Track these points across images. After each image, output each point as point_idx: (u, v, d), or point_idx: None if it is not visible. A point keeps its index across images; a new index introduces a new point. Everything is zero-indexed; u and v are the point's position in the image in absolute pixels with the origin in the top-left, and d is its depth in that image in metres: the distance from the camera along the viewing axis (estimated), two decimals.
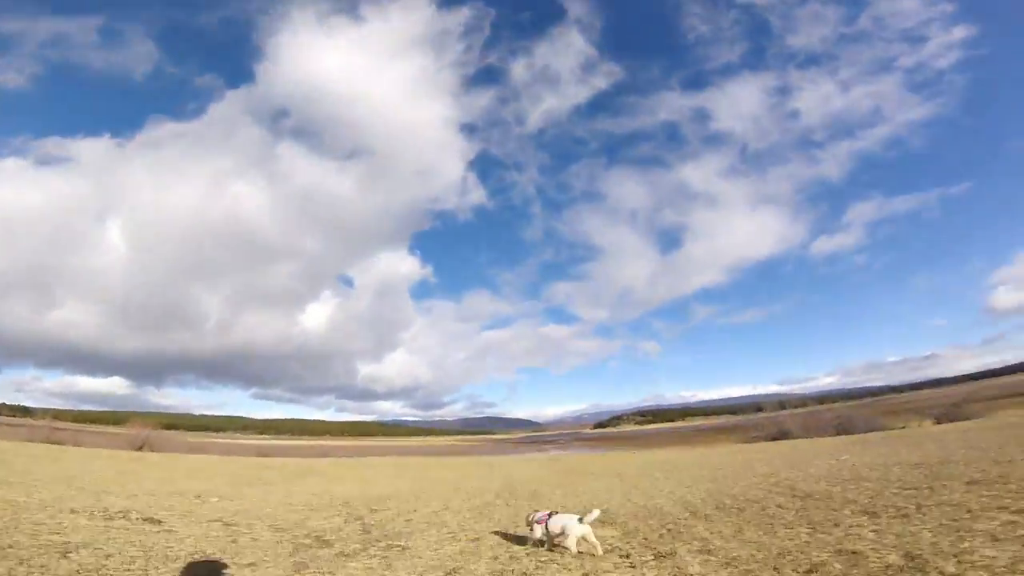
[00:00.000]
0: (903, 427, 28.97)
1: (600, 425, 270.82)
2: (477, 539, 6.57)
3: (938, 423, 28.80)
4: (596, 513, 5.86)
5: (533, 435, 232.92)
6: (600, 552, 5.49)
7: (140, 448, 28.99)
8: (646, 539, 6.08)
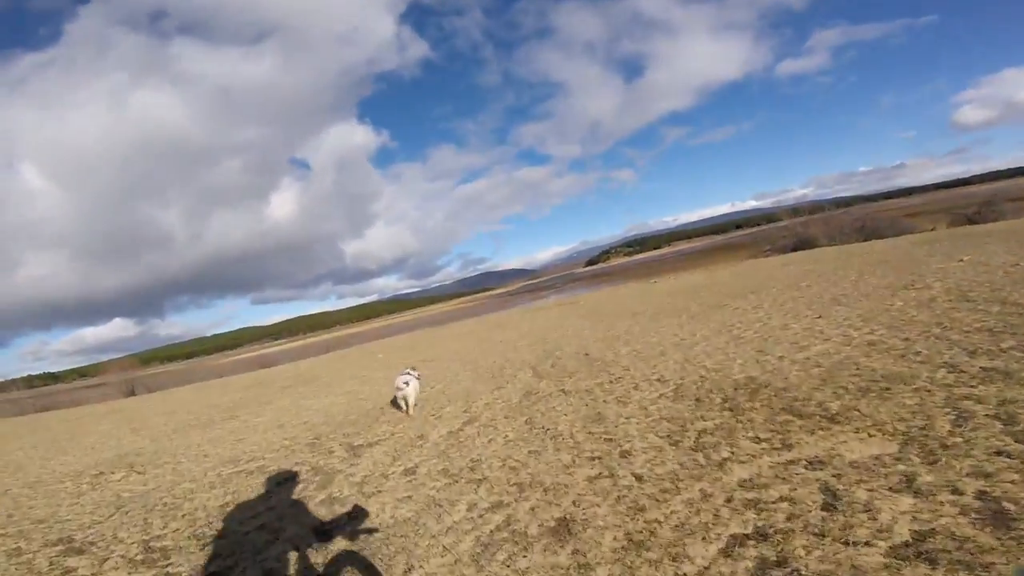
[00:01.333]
0: (932, 229, 27.00)
1: (591, 262, 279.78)
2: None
3: (972, 223, 26.72)
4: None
5: (530, 283, 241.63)
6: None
7: (132, 393, 26.89)
8: None
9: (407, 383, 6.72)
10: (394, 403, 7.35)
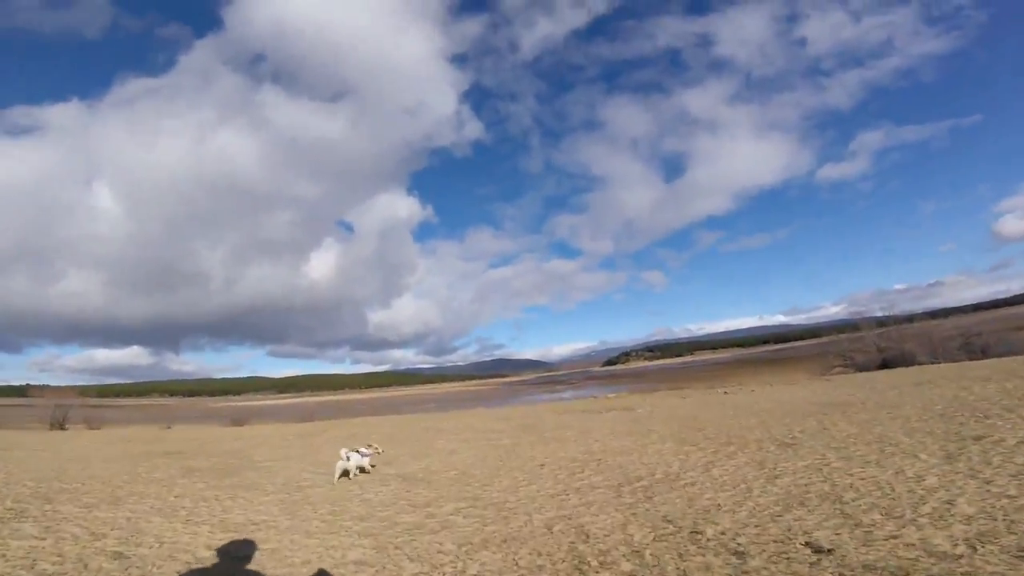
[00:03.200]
0: None
1: (609, 363, 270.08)
2: None
3: None
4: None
5: (545, 375, 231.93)
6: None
7: (62, 425, 22.15)
8: None
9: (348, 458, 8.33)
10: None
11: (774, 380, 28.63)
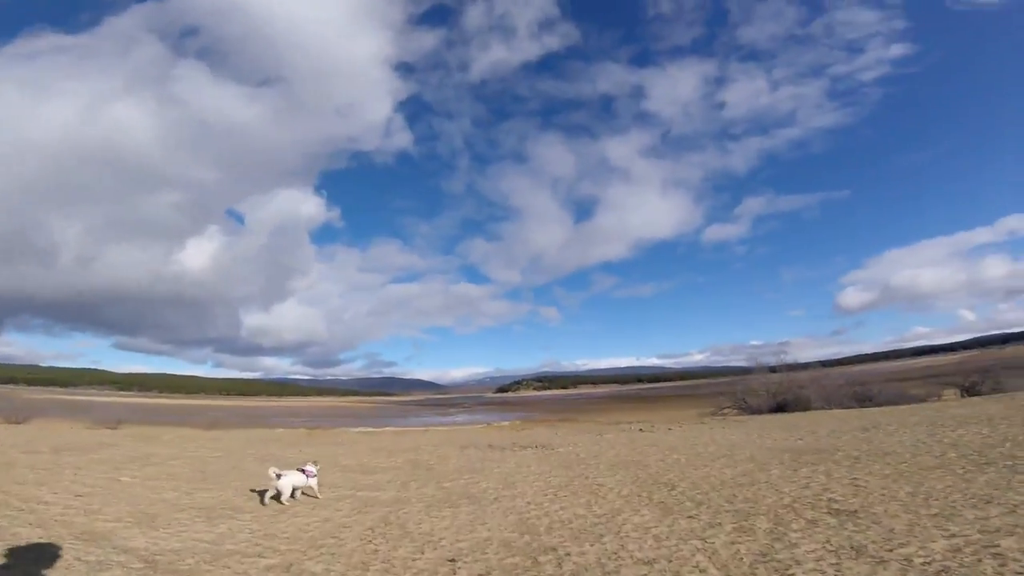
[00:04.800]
0: (938, 398, 23.57)
1: (501, 389, 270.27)
2: None
3: (967, 395, 23.92)
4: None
5: (437, 397, 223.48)
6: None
7: None
8: None
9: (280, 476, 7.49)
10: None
11: (665, 417, 27.92)
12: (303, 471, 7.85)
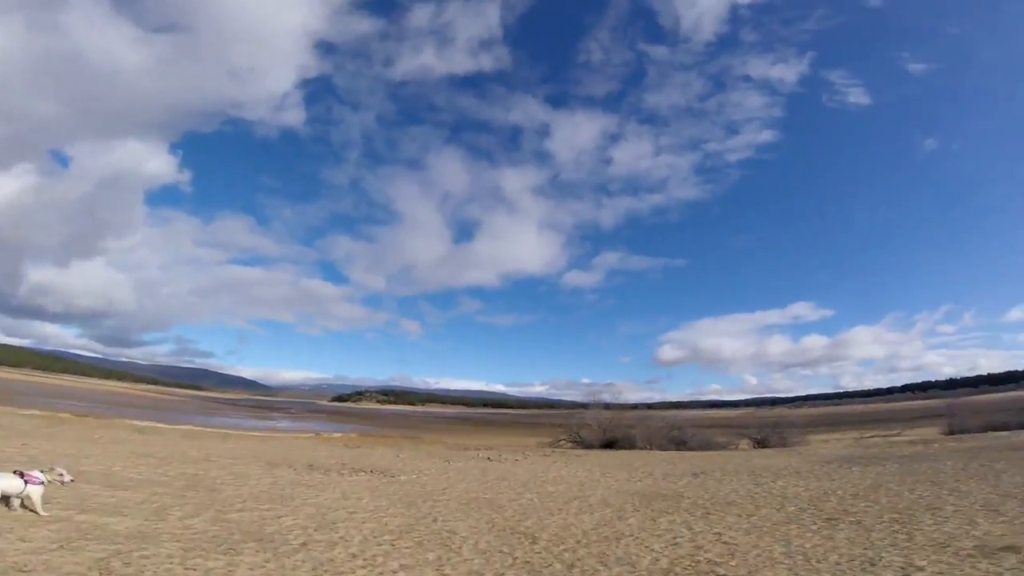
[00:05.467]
0: (736, 447, 27.01)
1: (340, 398, 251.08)
2: None
3: (760, 447, 27.94)
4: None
5: (258, 399, 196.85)
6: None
7: None
8: None
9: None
10: None
11: (509, 444, 27.68)
12: (23, 475, 5.61)
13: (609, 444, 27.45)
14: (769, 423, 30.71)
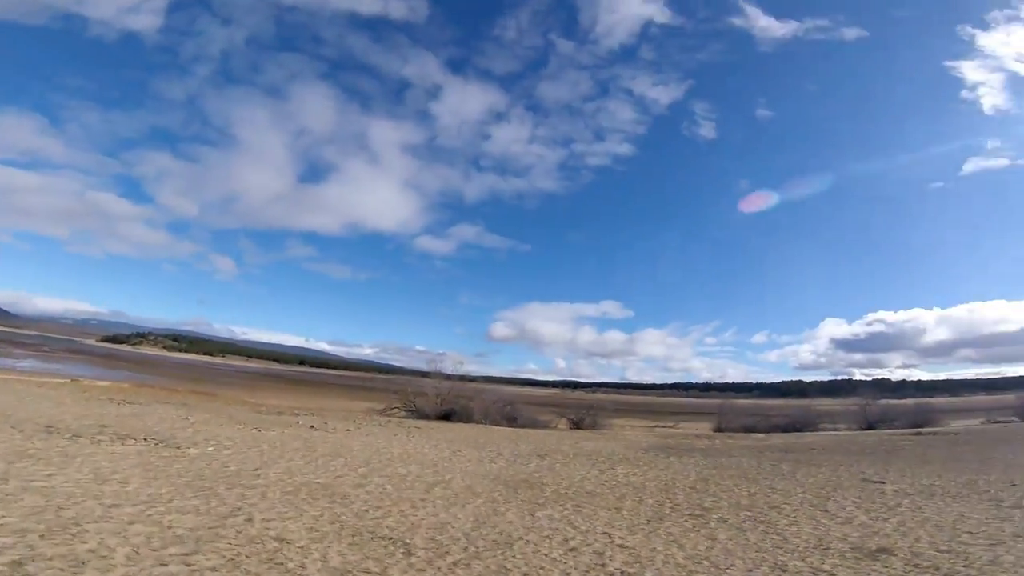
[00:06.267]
0: (556, 427, 28.73)
1: (114, 339, 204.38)
2: None
3: (576, 427, 30.23)
4: None
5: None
6: None
7: None
8: None
9: None
10: None
11: (333, 410, 25.18)
12: None
13: (445, 415, 26.83)
14: (585, 406, 33.80)
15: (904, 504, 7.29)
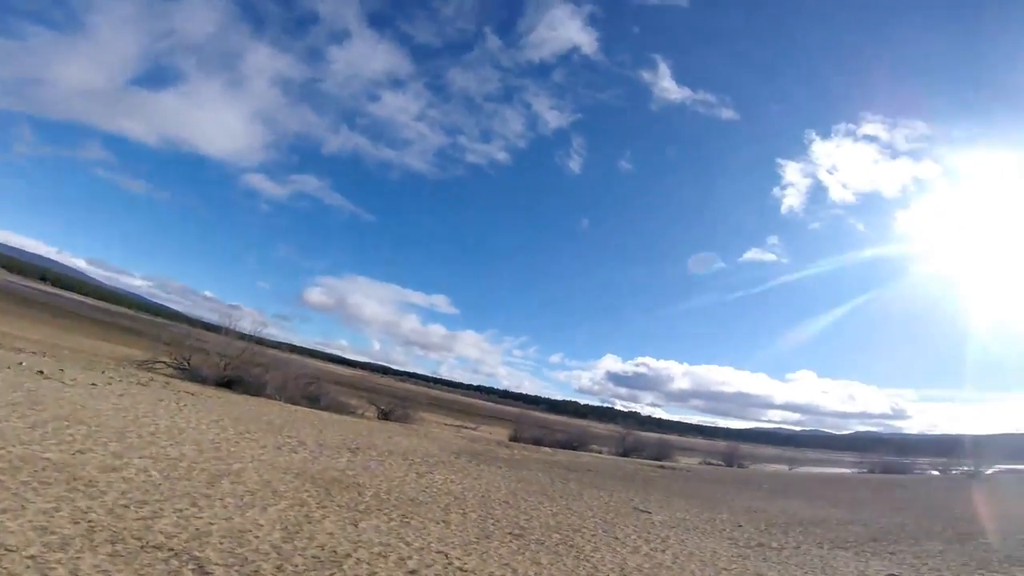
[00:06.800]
0: (363, 415, 27.26)
1: None
2: None
3: (384, 418, 29.13)
4: None
5: None
6: None
7: None
8: None
9: None
10: None
11: (65, 347, 19.56)
12: None
13: (228, 383, 22.94)
14: (398, 397, 32.95)
15: (672, 537, 8.66)
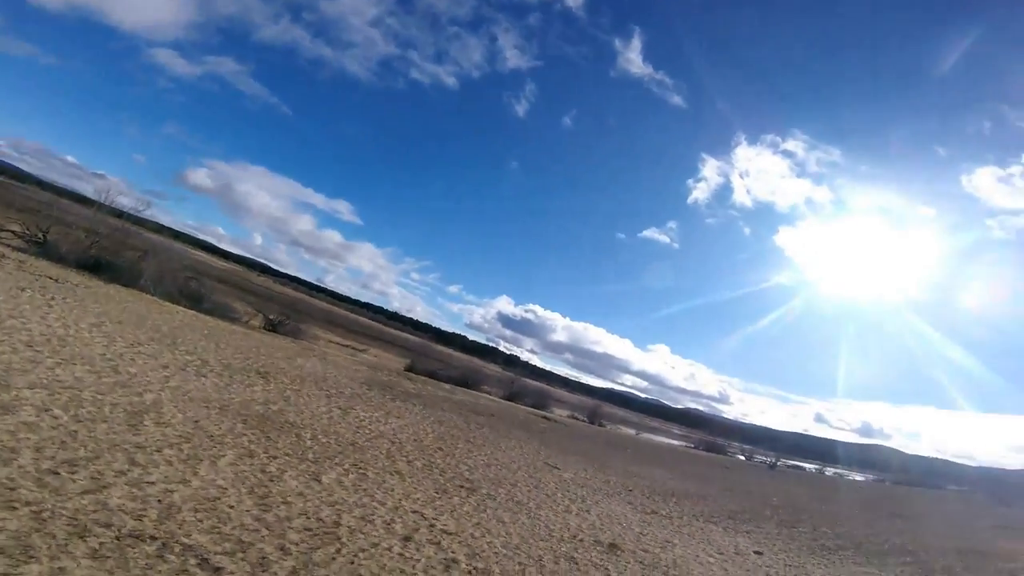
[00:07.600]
0: (247, 324, 24.80)
1: None
2: None
3: (271, 330, 26.95)
4: None
5: None
6: None
7: None
8: None
9: None
10: None
11: None
12: None
13: (95, 266, 19.26)
14: (285, 305, 30.54)
15: (588, 498, 9.59)
